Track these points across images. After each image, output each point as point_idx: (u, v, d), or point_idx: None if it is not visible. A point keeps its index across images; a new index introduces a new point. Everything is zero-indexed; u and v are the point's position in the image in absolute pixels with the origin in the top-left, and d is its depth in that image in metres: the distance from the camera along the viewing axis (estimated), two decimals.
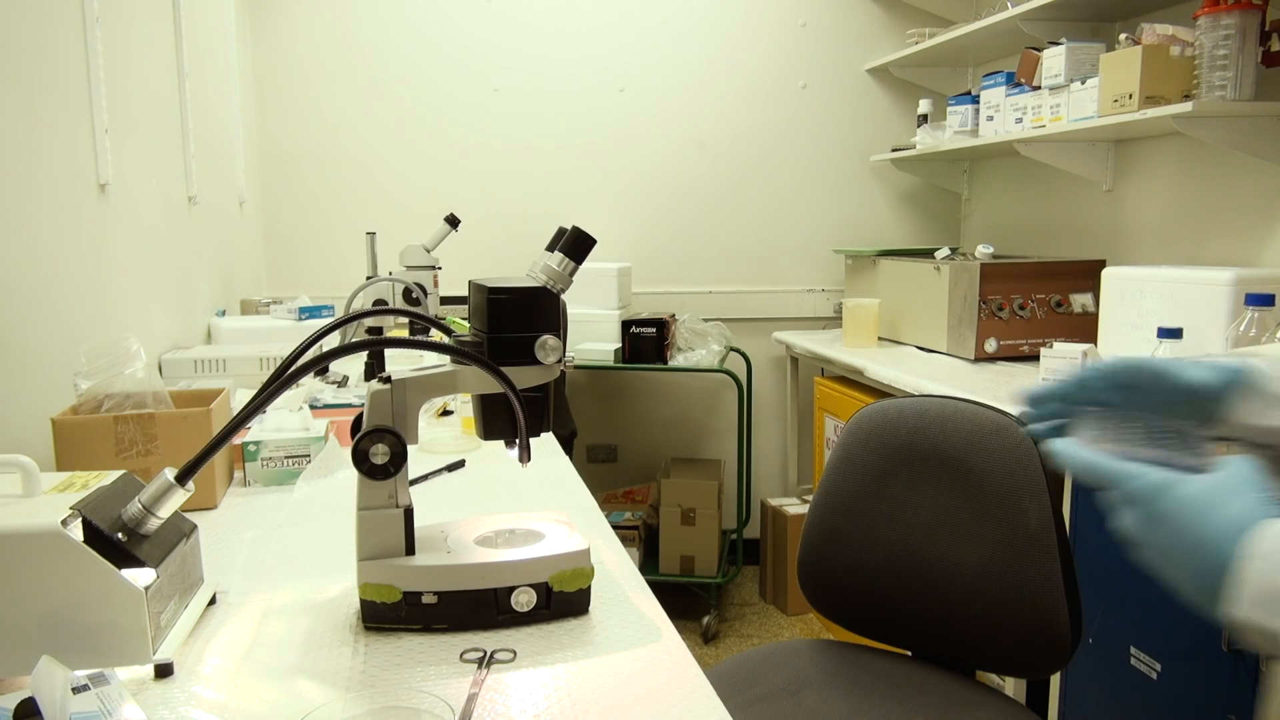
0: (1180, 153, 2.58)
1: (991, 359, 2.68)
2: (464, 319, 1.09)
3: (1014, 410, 0.72)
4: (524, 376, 0.98)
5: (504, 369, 0.95)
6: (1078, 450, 0.69)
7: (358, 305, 2.14)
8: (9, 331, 1.52)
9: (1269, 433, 0.74)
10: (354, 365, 2.36)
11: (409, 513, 0.99)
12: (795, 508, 3.36)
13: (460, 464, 1.48)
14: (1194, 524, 0.62)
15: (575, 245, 1.00)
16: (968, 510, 1.41)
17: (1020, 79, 2.80)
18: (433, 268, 2.68)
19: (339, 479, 1.51)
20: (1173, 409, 0.74)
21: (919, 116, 3.42)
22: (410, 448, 0.98)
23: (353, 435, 1.01)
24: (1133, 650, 1.76)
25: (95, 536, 0.88)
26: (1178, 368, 0.75)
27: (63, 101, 1.78)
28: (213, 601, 1.06)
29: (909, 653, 1.51)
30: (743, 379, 3.30)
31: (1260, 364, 0.75)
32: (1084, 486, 0.65)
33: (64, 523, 0.87)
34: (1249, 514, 0.62)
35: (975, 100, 3.08)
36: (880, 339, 3.13)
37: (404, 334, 2.50)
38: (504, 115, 3.63)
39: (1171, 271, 2.21)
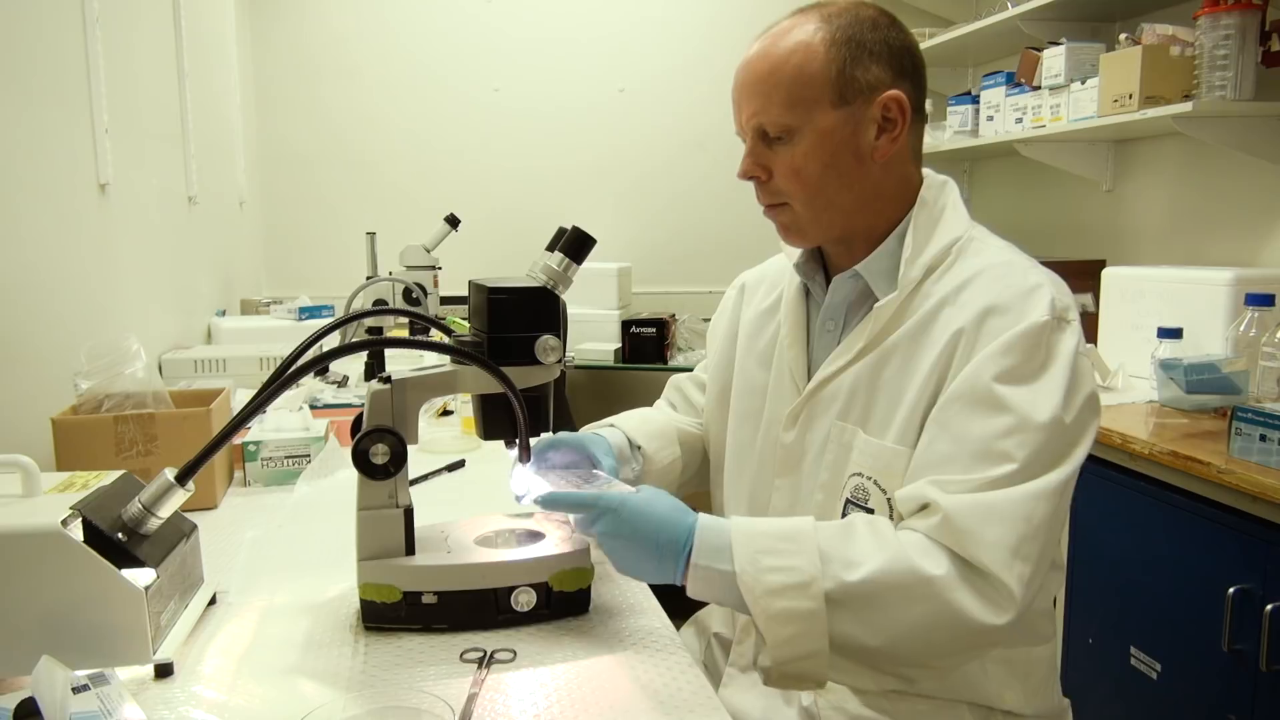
0: (1180, 153, 2.58)
1: None
2: (464, 319, 1.09)
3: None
4: (524, 376, 0.98)
5: (504, 369, 0.95)
6: (557, 492, 0.98)
7: (358, 305, 2.14)
8: (9, 331, 1.52)
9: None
10: (354, 365, 2.36)
11: (409, 513, 0.99)
12: None
13: (460, 464, 1.48)
14: (650, 518, 0.94)
15: (575, 245, 1.00)
16: None
17: (1020, 79, 2.80)
18: (433, 268, 2.68)
19: (339, 479, 1.51)
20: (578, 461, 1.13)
21: None
22: (410, 448, 0.98)
23: (353, 435, 1.01)
24: (1133, 650, 1.76)
25: (95, 536, 0.88)
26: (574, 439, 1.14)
27: (63, 101, 1.78)
28: (213, 601, 1.06)
29: None
30: None
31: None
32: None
33: (64, 523, 0.87)
34: (678, 507, 0.96)
35: (975, 100, 3.07)
36: None
37: (404, 334, 2.50)
38: (504, 115, 3.63)
39: (1171, 271, 2.21)
